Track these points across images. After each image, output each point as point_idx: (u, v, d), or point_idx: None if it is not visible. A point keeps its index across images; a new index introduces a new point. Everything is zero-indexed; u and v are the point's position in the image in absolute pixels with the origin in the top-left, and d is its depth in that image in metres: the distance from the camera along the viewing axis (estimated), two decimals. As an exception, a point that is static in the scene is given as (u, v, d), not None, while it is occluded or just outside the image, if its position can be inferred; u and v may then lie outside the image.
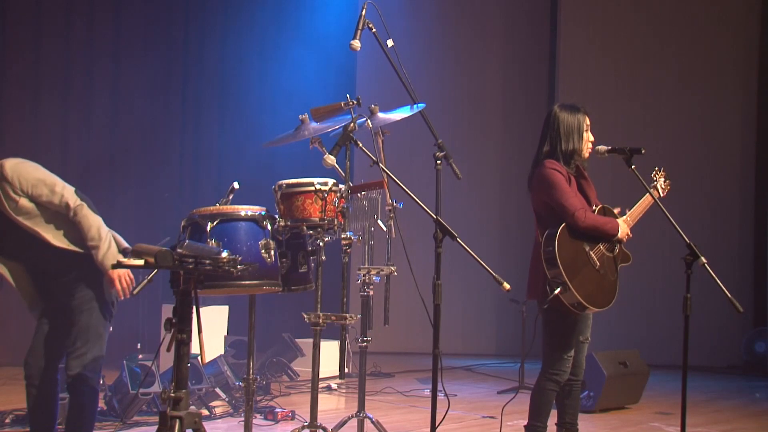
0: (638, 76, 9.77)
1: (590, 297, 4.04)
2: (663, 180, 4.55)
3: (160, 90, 8.76)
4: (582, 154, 4.26)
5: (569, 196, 4.10)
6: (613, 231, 4.18)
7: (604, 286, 4.12)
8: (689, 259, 3.90)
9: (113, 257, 3.75)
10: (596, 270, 4.10)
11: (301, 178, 4.21)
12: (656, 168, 4.55)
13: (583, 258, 4.10)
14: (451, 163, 4.27)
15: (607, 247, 4.21)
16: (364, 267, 4.59)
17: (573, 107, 4.27)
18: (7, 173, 3.77)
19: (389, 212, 4.60)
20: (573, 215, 4.07)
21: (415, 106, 4.39)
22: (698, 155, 9.52)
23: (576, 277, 4.02)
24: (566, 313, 4.09)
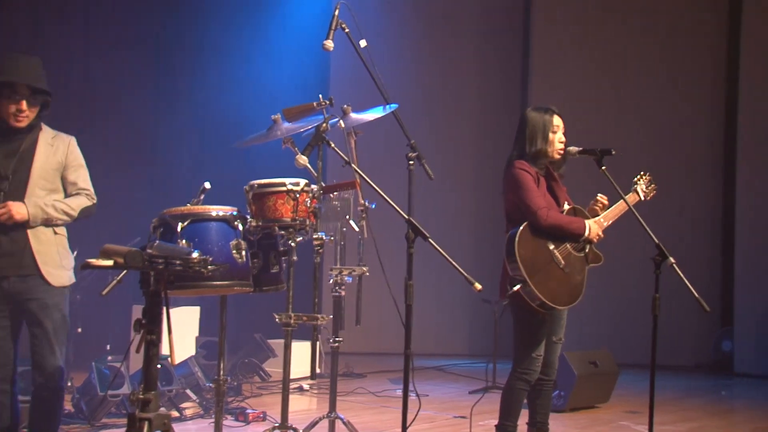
0: (610, 78, 9.84)
1: (552, 295, 4.07)
2: (647, 184, 4.58)
3: (131, 88, 8.68)
4: (550, 155, 4.27)
5: (534, 195, 4.13)
6: (579, 231, 4.20)
7: (568, 284, 4.14)
8: (658, 259, 3.94)
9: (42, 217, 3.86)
10: (560, 269, 4.13)
11: (273, 179, 4.19)
12: (641, 173, 4.59)
13: (545, 256, 4.12)
14: (424, 164, 4.28)
15: (574, 247, 4.22)
16: (336, 267, 4.58)
17: (542, 108, 4.30)
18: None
19: (361, 213, 4.59)
20: (535, 213, 4.11)
21: (387, 107, 4.39)
22: (668, 157, 9.61)
23: (537, 275, 4.05)
24: (534, 312, 4.11)
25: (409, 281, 3.66)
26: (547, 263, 4.12)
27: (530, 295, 4.05)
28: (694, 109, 9.77)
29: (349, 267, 4.58)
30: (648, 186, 4.59)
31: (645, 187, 4.57)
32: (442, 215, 9.94)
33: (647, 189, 4.59)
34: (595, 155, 4.16)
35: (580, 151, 4.25)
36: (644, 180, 4.59)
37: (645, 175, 4.60)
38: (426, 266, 7.34)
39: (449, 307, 10.07)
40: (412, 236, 3.67)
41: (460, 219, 10.25)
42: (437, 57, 10.41)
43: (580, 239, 4.22)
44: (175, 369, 5.79)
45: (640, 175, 4.59)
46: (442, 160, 9.65)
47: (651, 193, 4.60)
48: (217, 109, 9.17)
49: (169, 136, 9.00)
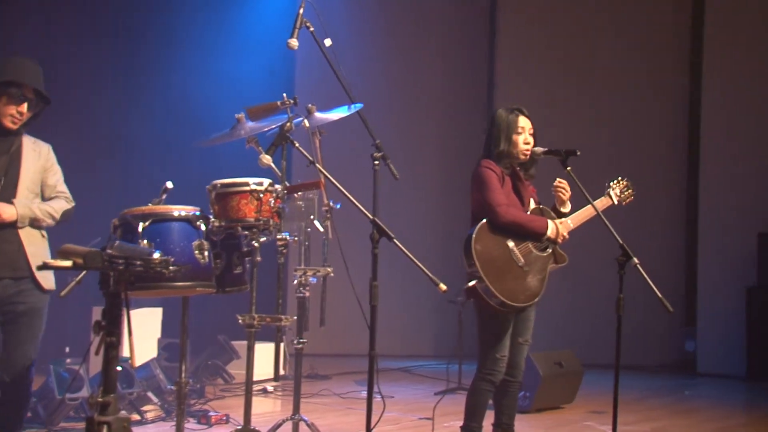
0: (576, 77, 9.91)
1: (510, 293, 4.09)
2: (622, 189, 4.59)
3: (92, 85, 8.58)
4: (514, 156, 4.28)
5: (495, 193, 4.16)
6: (539, 229, 4.22)
7: (527, 283, 4.16)
8: (622, 259, 3.97)
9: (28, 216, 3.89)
10: (519, 267, 4.15)
11: (237, 178, 4.17)
12: (618, 177, 4.61)
13: (503, 254, 4.14)
14: (389, 164, 4.29)
15: (537, 246, 4.24)
16: (300, 268, 4.57)
17: (509, 109, 4.33)
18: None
19: (326, 213, 4.58)
20: (495, 210, 4.14)
21: (352, 106, 4.39)
22: (632, 156, 9.69)
23: (493, 272, 4.07)
24: (496, 312, 4.13)
25: (374, 282, 3.66)
26: (506, 261, 4.13)
27: (487, 293, 4.07)
28: (658, 108, 9.87)
29: (314, 267, 4.57)
30: (624, 191, 4.61)
31: (620, 191, 4.59)
32: (408, 215, 9.95)
33: (623, 194, 4.60)
34: (560, 156, 4.18)
35: (545, 151, 4.28)
36: (621, 185, 4.61)
37: (622, 180, 4.62)
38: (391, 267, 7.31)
39: (415, 308, 10.07)
40: (376, 237, 3.67)
41: (425, 219, 10.26)
42: (403, 56, 10.42)
43: (542, 238, 4.24)
44: (136, 371, 5.74)
45: (617, 180, 4.61)
46: (408, 160, 9.64)
47: (627, 198, 4.62)
48: (180, 107, 9.09)
49: (131, 134, 8.91)
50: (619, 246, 3.99)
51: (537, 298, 4.21)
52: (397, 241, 3.62)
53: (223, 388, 6.85)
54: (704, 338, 9.13)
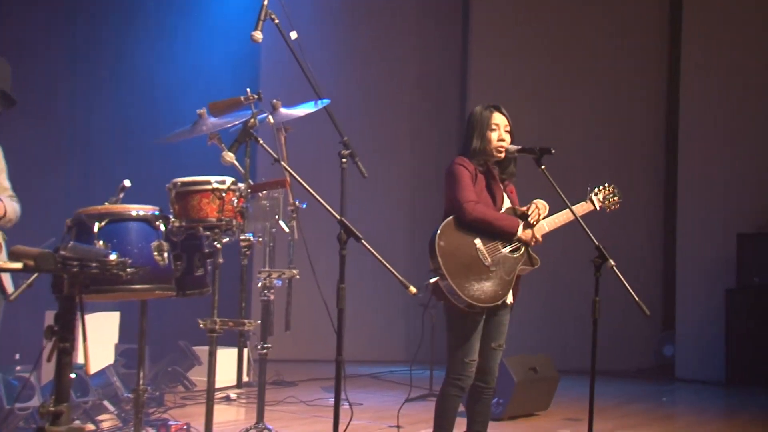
0: (551, 75, 9.97)
1: (474, 292, 4.11)
2: (608, 195, 4.61)
3: (46, 78, 8.49)
4: (488, 154, 4.31)
5: (464, 189, 4.18)
6: (509, 228, 4.24)
7: (493, 284, 4.17)
8: (598, 261, 4.00)
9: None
10: (485, 266, 4.17)
11: (198, 176, 4.15)
12: (605, 183, 4.64)
13: (469, 252, 4.16)
14: (357, 162, 4.30)
15: (506, 246, 4.27)
16: (264, 270, 4.56)
17: (486, 105, 4.36)
18: None
19: (292, 213, 4.58)
20: (461, 206, 4.16)
21: (319, 102, 4.39)
22: (608, 156, 9.78)
23: (455, 269, 4.09)
24: (464, 314, 4.15)
25: (342, 284, 3.67)
26: (471, 259, 4.15)
27: (450, 291, 4.09)
28: (635, 106, 9.96)
29: (279, 270, 4.56)
30: (609, 198, 4.63)
31: (603, 198, 4.60)
32: (377, 216, 9.96)
33: (607, 201, 4.61)
34: (534, 154, 4.20)
35: (519, 149, 4.30)
36: (607, 191, 4.63)
37: (609, 186, 4.64)
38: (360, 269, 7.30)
39: (384, 312, 10.09)
40: (344, 237, 3.68)
41: (396, 220, 10.28)
42: (373, 50, 10.43)
43: (512, 238, 4.27)
44: (91, 379, 5.69)
45: (604, 185, 4.63)
46: (377, 159, 9.66)
47: (612, 205, 4.62)
48: (139, 102, 9.03)
49: (87, 130, 8.84)
50: (595, 247, 4.03)
51: (502, 300, 4.23)
52: (366, 242, 3.63)
53: (183, 396, 6.81)
54: (683, 343, 9.22)
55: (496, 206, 4.30)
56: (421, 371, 7.65)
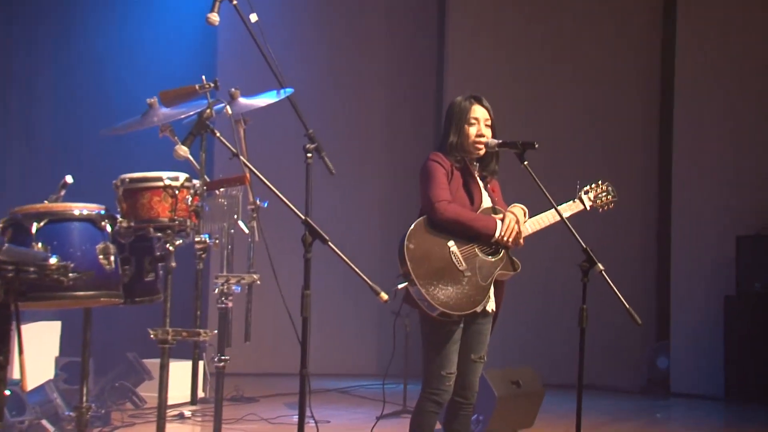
0: (535, 63, 9.99)
1: (446, 299, 4.12)
2: (600, 194, 4.62)
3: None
4: (465, 150, 4.32)
5: (437, 188, 4.20)
6: (485, 230, 4.25)
7: (468, 290, 4.19)
8: (585, 266, 4.01)
9: None
10: (459, 270, 4.18)
11: (148, 172, 4.14)
12: (599, 180, 4.65)
13: (441, 255, 4.18)
14: (324, 157, 4.31)
15: (484, 249, 4.28)
16: (221, 275, 4.55)
17: (466, 96, 4.38)
18: None
19: (252, 212, 4.58)
20: (433, 205, 4.18)
21: (282, 91, 4.39)
22: (598, 153, 9.82)
23: (425, 274, 4.11)
24: (439, 322, 4.17)
25: (307, 291, 3.67)
26: (443, 263, 4.17)
27: (420, 298, 4.11)
28: (627, 99, 10.01)
29: (238, 274, 4.56)
30: (602, 196, 4.63)
31: (594, 196, 4.61)
32: (346, 215, 9.97)
33: (599, 200, 4.62)
34: (516, 149, 4.21)
35: (499, 144, 4.31)
36: (599, 189, 4.64)
37: (602, 183, 4.66)
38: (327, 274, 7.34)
39: (354, 321, 10.10)
40: (309, 239, 3.68)
41: (366, 220, 10.29)
42: (341, 35, 10.42)
43: (489, 240, 4.28)
44: (28, 396, 5.65)
45: (596, 183, 4.65)
46: (346, 153, 9.67)
47: (605, 205, 4.63)
48: (83, 91, 8.99)
49: (24, 121, 8.77)
50: (583, 250, 4.05)
51: (479, 307, 4.25)
52: (333, 244, 3.64)
53: (132, 414, 6.78)
54: (678, 354, 9.30)
55: (473, 206, 4.31)
56: (394, 385, 7.66)
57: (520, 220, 4.31)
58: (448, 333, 4.21)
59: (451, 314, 4.16)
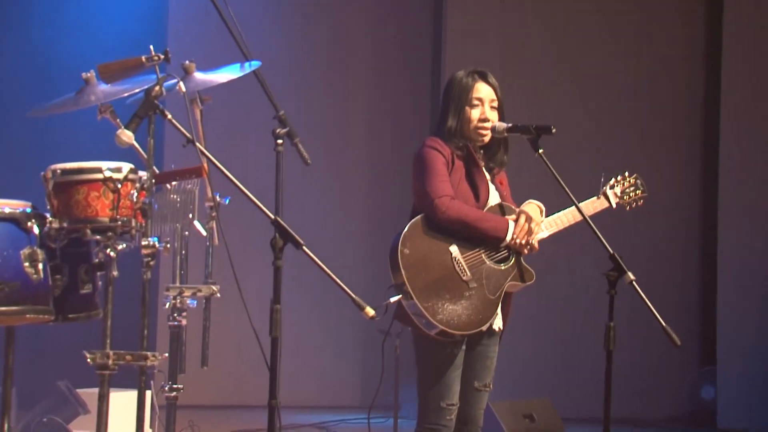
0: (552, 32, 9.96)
1: (447, 316, 4.14)
2: (627, 189, 4.65)
3: None
4: (467, 135, 4.34)
5: (436, 180, 4.22)
6: (495, 231, 4.27)
7: (474, 304, 4.21)
8: (613, 275, 4.02)
9: None
10: (463, 282, 4.20)
11: (85, 162, 4.14)
12: (624, 173, 4.67)
13: (442, 262, 4.19)
14: (298, 144, 4.32)
15: (492, 255, 4.30)
16: (174, 287, 4.56)
17: (468, 71, 4.40)
18: None
19: (210, 210, 4.58)
20: (432, 202, 4.19)
21: (247, 65, 4.40)
22: (627, 138, 9.81)
23: (423, 285, 4.12)
24: (438, 344, 4.18)
25: (276, 305, 3.68)
26: (444, 272, 4.19)
27: (417, 314, 4.12)
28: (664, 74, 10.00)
29: (193, 286, 4.57)
30: (629, 191, 4.66)
31: (621, 192, 4.64)
32: (324, 214, 9.96)
33: (626, 196, 4.65)
34: (529, 134, 4.23)
35: (508, 128, 4.33)
36: (626, 182, 4.66)
37: (629, 177, 4.68)
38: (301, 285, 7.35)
39: (334, 342, 10.09)
40: (279, 243, 3.69)
41: (348, 219, 10.28)
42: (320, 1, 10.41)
43: (499, 245, 4.29)
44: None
45: (622, 175, 4.67)
46: (325, 139, 9.67)
47: (634, 201, 4.68)
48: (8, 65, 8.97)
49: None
50: (610, 257, 4.06)
51: (486, 325, 4.26)
52: (308, 249, 3.65)
53: (65, 456, 6.79)
54: (726, 383, 9.30)
55: (478, 202, 4.33)
56: (382, 419, 7.68)
57: (535, 220, 4.33)
58: (448, 356, 4.23)
59: (453, 334, 4.17)
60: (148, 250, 4.16)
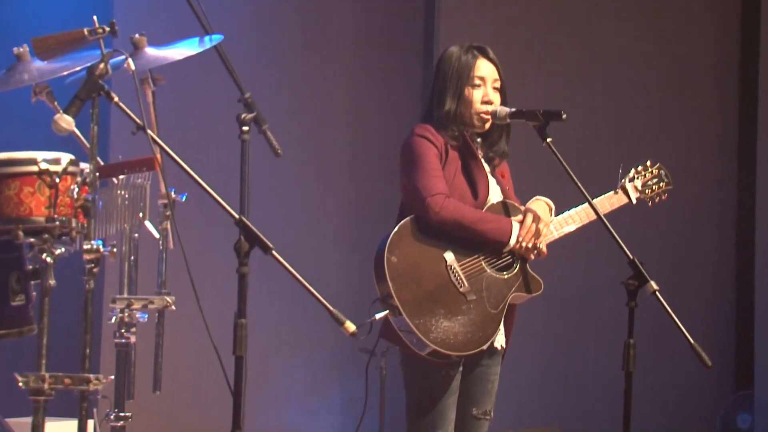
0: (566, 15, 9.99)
1: (443, 334, 4.14)
2: (649, 182, 4.66)
3: None
4: (467, 120, 4.34)
5: (428, 175, 4.23)
6: (497, 234, 4.27)
7: (473, 320, 4.21)
8: (633, 285, 4.03)
9: None
10: (460, 294, 4.20)
11: (16, 152, 4.13)
12: (646, 162, 4.68)
13: (436, 271, 4.20)
14: (266, 131, 4.31)
15: (492, 262, 4.29)
16: (121, 297, 4.56)
17: (464, 48, 4.41)
18: None
19: (164, 209, 4.58)
20: (424, 201, 4.20)
21: (207, 39, 4.39)
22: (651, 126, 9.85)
23: (414, 298, 4.13)
24: (432, 366, 4.17)
25: (241, 320, 3.68)
26: (438, 283, 4.20)
27: (406, 331, 4.12)
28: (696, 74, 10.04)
29: (144, 297, 4.56)
30: (653, 184, 4.68)
31: (642, 185, 4.65)
32: (299, 214, 9.96)
33: (648, 189, 4.66)
34: (536, 120, 4.24)
35: (512, 113, 4.34)
36: (648, 173, 4.68)
37: (652, 167, 4.70)
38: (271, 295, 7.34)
39: (309, 362, 10.09)
40: (245, 247, 3.68)
41: (326, 220, 10.28)
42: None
43: (502, 249, 4.29)
44: None
45: (643, 165, 4.68)
46: (298, 127, 9.66)
47: (657, 195, 4.72)
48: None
49: None
50: (629, 263, 4.07)
51: (490, 340, 4.26)
52: (278, 254, 3.64)
53: (-5, 496, 6.78)
54: (765, 409, 9.35)
55: (477, 200, 4.34)
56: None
57: (543, 220, 4.33)
58: (442, 380, 4.23)
59: (449, 354, 4.17)
60: (90, 255, 4.14)
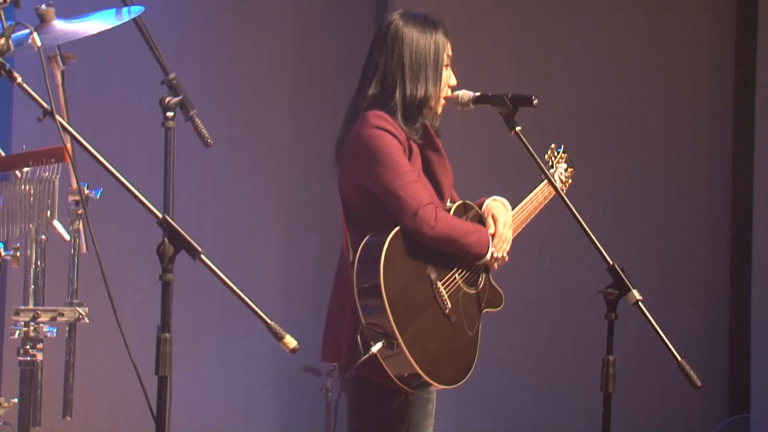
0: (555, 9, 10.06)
1: (432, 363, 4.14)
2: (563, 167, 4.75)
3: None
4: (434, 107, 4.36)
5: (408, 180, 4.19)
6: (479, 248, 4.29)
7: (456, 345, 4.23)
8: (612, 294, 4.05)
9: None
10: (444, 315, 4.21)
11: None
12: (552, 145, 4.73)
13: (424, 293, 4.20)
14: (194, 117, 4.31)
15: (465, 276, 4.32)
16: (26, 309, 4.55)
17: (427, 20, 4.39)
18: None
19: (76, 207, 4.57)
20: (415, 215, 4.14)
21: (125, 11, 4.38)
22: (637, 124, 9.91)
23: (413, 329, 4.11)
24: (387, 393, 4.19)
25: (165, 334, 3.67)
26: (428, 306, 4.20)
27: (394, 363, 4.10)
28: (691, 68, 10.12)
29: (53, 308, 4.55)
30: (565, 170, 4.76)
31: (563, 171, 4.73)
32: (232, 212, 9.95)
33: (565, 174, 4.78)
34: (504, 105, 4.25)
35: (477, 98, 4.36)
36: (559, 158, 4.75)
37: (559, 150, 4.76)
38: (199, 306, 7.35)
39: (245, 383, 10.08)
40: (170, 250, 3.68)
41: (264, 219, 10.26)
42: None
43: (477, 261, 4.32)
44: None
45: (551, 149, 4.74)
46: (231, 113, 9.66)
47: (567, 182, 4.82)
48: None
49: None
50: (608, 269, 4.09)
51: (470, 371, 4.28)
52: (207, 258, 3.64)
53: None
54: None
55: (443, 200, 4.34)
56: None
57: (508, 224, 4.36)
58: (399, 407, 4.24)
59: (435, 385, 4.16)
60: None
